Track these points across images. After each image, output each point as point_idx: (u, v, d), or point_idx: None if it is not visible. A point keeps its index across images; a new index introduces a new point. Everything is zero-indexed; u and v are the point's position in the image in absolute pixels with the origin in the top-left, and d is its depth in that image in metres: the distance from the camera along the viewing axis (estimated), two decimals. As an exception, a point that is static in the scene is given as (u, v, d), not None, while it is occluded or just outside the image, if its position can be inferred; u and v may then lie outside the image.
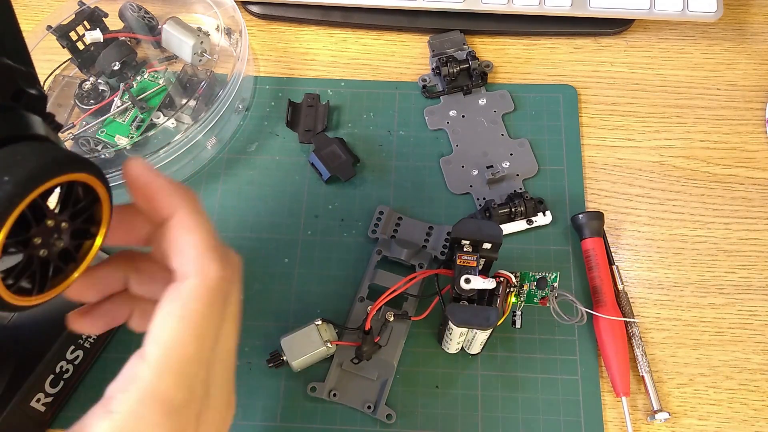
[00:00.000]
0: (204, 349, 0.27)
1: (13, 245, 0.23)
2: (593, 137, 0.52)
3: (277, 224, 0.48)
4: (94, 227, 0.27)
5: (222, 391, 0.29)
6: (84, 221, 0.26)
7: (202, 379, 0.27)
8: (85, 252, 0.27)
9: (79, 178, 0.25)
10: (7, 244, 0.23)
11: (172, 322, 0.26)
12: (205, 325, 0.27)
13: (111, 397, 0.26)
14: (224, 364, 0.29)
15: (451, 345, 0.42)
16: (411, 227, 0.47)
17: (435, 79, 0.53)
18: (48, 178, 0.23)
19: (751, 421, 0.43)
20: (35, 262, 0.25)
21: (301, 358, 0.42)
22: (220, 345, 0.29)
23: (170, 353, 0.26)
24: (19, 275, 0.24)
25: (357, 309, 0.45)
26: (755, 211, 0.49)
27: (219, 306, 0.28)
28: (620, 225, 0.49)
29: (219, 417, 0.29)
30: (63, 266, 0.26)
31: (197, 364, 0.27)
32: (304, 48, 0.55)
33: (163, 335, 0.26)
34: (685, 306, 0.46)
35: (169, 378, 0.26)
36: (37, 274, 0.25)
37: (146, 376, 0.26)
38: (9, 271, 0.24)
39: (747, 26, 0.56)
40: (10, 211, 0.22)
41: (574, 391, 0.43)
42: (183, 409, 0.26)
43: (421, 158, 0.51)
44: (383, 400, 0.42)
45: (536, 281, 0.42)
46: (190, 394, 0.26)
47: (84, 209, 0.26)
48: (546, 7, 0.52)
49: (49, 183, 0.23)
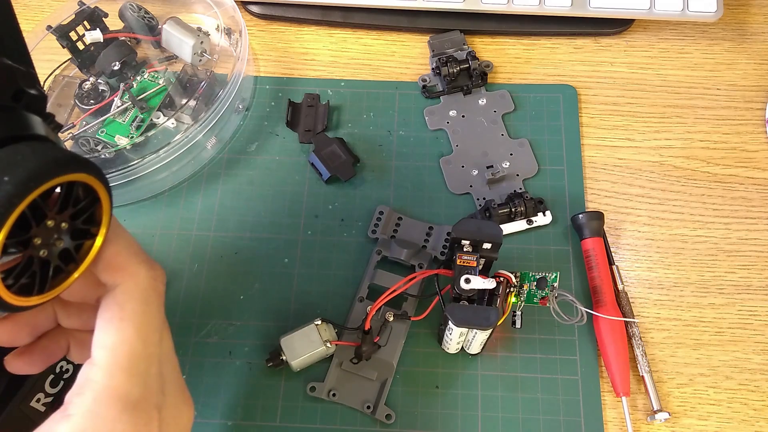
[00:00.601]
0: (149, 345, 0.27)
1: (13, 245, 0.23)
2: (593, 137, 0.52)
3: (277, 224, 0.48)
4: (94, 228, 0.27)
5: (176, 388, 0.30)
6: (84, 222, 0.26)
7: (154, 374, 0.28)
8: (86, 252, 0.27)
9: (79, 178, 0.25)
10: (6, 244, 0.23)
11: (114, 325, 0.27)
12: (146, 322, 0.27)
13: (68, 402, 0.26)
14: (172, 363, 0.30)
15: (451, 345, 0.42)
16: (411, 227, 0.47)
17: (435, 79, 0.53)
18: (48, 178, 0.23)
19: (751, 421, 0.43)
20: (35, 262, 0.25)
21: (301, 358, 0.42)
22: (165, 343, 0.29)
23: (117, 353, 0.26)
24: (20, 275, 0.24)
25: (357, 309, 0.45)
26: (755, 211, 0.49)
27: (156, 303, 0.28)
28: (620, 225, 0.49)
29: (179, 413, 0.30)
30: (63, 266, 0.26)
31: (146, 359, 0.27)
32: (304, 48, 0.55)
33: (107, 339, 0.27)
34: (685, 306, 0.46)
35: (120, 375, 0.26)
36: (37, 274, 0.25)
37: (98, 377, 0.26)
38: (9, 271, 0.24)
39: (747, 26, 0.56)
40: (10, 211, 0.22)
41: (574, 391, 0.43)
42: (141, 403, 0.27)
43: (421, 158, 0.51)
44: (383, 400, 0.42)
45: (536, 281, 0.42)
46: (145, 388, 0.27)
47: (84, 209, 0.26)
48: (546, 7, 0.52)
49: (49, 183, 0.23)
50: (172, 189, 0.49)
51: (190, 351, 0.45)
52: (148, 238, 0.48)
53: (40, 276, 0.25)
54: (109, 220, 0.27)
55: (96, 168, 0.26)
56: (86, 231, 0.27)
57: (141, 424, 0.26)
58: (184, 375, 0.44)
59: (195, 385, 0.44)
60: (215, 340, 0.45)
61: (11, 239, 0.23)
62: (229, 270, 0.47)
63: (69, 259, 0.26)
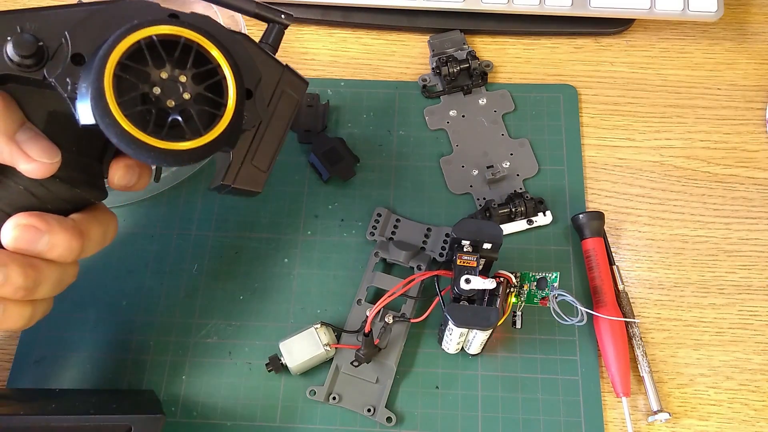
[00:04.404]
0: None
1: (133, 75, 0.29)
2: (594, 137, 0.52)
3: (277, 224, 0.48)
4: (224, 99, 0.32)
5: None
6: (211, 90, 0.31)
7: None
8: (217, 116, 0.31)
9: (195, 38, 0.30)
10: (122, 77, 0.29)
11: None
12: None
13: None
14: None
15: (451, 345, 0.42)
16: (409, 229, 0.47)
17: (435, 79, 0.53)
18: (165, 24, 0.30)
19: (752, 422, 0.43)
20: (165, 109, 0.30)
21: (301, 362, 0.42)
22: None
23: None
24: (158, 123, 0.30)
25: (356, 311, 0.45)
26: (756, 211, 0.49)
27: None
28: (621, 225, 0.48)
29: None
30: (210, 110, 0.31)
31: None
32: (303, 48, 0.55)
33: None
34: (685, 306, 0.46)
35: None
36: (182, 121, 0.30)
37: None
38: (145, 121, 0.29)
39: (747, 26, 0.56)
40: (122, 37, 0.29)
41: (575, 391, 0.43)
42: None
43: (421, 158, 0.51)
44: (383, 403, 0.42)
45: (536, 281, 0.42)
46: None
47: (207, 75, 0.31)
48: (546, 7, 0.52)
49: (160, 28, 0.29)
50: (172, 189, 0.49)
51: (190, 351, 0.45)
52: (147, 238, 0.48)
53: (186, 122, 0.30)
54: (237, 91, 0.31)
55: (224, 42, 0.31)
56: (217, 102, 0.31)
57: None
58: (184, 375, 0.44)
59: (195, 385, 0.44)
60: (215, 341, 0.45)
61: (129, 62, 0.29)
62: (229, 270, 0.47)
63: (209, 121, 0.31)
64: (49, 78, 0.29)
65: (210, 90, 0.31)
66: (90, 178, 0.34)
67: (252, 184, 0.37)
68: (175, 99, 0.30)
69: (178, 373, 0.44)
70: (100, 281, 0.46)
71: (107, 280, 0.46)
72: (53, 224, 0.32)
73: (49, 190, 0.32)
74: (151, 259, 0.47)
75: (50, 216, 0.32)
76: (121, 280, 0.46)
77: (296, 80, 0.38)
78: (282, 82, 0.37)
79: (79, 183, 0.33)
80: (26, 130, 0.30)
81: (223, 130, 0.31)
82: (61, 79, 0.29)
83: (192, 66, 0.31)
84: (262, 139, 0.36)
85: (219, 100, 0.31)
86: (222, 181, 0.35)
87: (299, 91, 0.38)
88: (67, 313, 0.45)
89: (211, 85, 0.31)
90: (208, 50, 0.31)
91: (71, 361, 0.44)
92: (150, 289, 0.46)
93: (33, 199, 0.32)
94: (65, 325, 0.45)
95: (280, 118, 0.37)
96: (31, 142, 0.30)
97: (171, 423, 0.43)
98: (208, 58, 0.31)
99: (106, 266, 0.47)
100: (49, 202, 0.33)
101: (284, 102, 0.37)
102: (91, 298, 0.46)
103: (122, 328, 0.45)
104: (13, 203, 0.32)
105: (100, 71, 0.28)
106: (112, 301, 0.46)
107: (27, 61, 0.29)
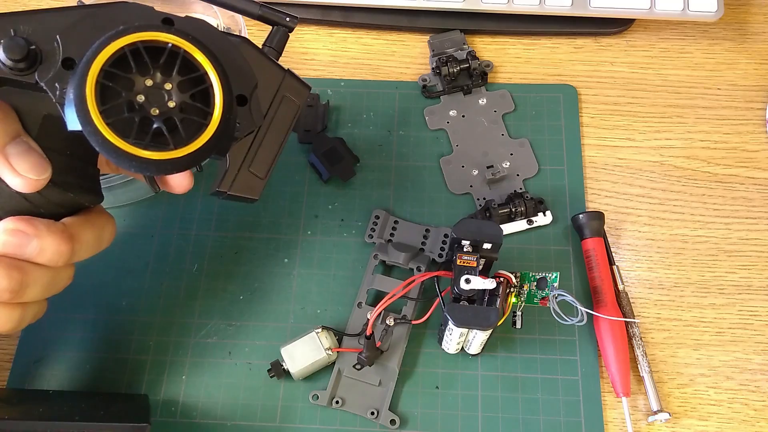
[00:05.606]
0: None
1: (117, 83, 0.28)
2: (594, 137, 0.51)
3: (277, 224, 0.48)
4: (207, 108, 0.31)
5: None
6: (197, 99, 0.30)
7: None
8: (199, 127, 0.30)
9: (182, 45, 0.29)
10: (106, 84, 0.28)
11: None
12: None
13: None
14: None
15: (451, 345, 0.41)
16: (408, 230, 0.47)
17: (435, 79, 0.53)
18: (146, 30, 0.29)
19: (752, 422, 0.43)
20: (149, 117, 0.29)
21: (303, 367, 0.42)
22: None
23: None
24: (142, 131, 0.29)
25: (356, 314, 0.45)
26: (756, 211, 0.49)
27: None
28: (621, 225, 0.48)
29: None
30: (196, 119, 0.30)
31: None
32: (303, 48, 0.55)
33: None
34: (685, 306, 0.46)
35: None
36: (164, 130, 0.29)
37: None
38: (127, 129, 0.29)
39: (747, 26, 0.56)
40: (106, 44, 0.28)
41: (575, 391, 0.43)
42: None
43: (421, 158, 0.51)
44: (386, 406, 0.42)
45: (536, 281, 0.42)
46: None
47: (193, 82, 0.30)
48: (546, 7, 0.52)
49: (146, 33, 0.29)
50: (172, 189, 0.49)
51: (190, 351, 0.45)
52: (147, 238, 0.48)
53: (169, 131, 0.29)
54: (224, 100, 0.30)
55: (211, 50, 0.30)
56: (204, 113, 0.30)
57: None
58: (184, 375, 0.44)
59: (195, 385, 0.44)
60: (215, 341, 0.45)
61: (113, 69, 0.28)
62: (229, 270, 0.47)
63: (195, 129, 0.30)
64: (40, 82, 0.29)
65: (196, 98, 0.30)
66: (84, 182, 0.34)
67: (248, 191, 0.36)
68: (160, 107, 0.29)
69: (178, 374, 0.44)
70: (100, 281, 0.46)
71: (107, 280, 0.46)
72: (41, 229, 0.32)
73: (42, 194, 0.32)
74: (151, 259, 0.47)
75: (39, 220, 0.32)
76: (121, 280, 0.46)
77: (298, 85, 0.37)
78: (283, 87, 0.36)
79: (73, 187, 0.33)
80: (19, 143, 0.30)
81: (208, 139, 0.30)
82: (51, 83, 0.29)
83: (178, 73, 0.30)
84: (261, 145, 0.35)
85: (205, 108, 0.30)
86: (218, 188, 0.35)
87: (301, 97, 0.37)
88: (67, 313, 0.45)
89: (198, 93, 0.30)
90: (194, 57, 0.30)
91: (71, 361, 0.44)
92: (150, 289, 0.46)
93: (26, 203, 0.32)
94: (65, 325, 0.45)
95: (281, 123, 0.36)
96: (21, 157, 0.30)
97: (171, 423, 0.43)
98: (195, 65, 0.30)
99: (106, 266, 0.47)
100: (43, 206, 0.33)
101: (285, 107, 0.36)
102: (91, 298, 0.46)
103: (122, 328, 0.45)
104: (6, 207, 0.32)
105: (82, 78, 0.28)
106: (112, 301, 0.46)
107: (19, 65, 0.28)
